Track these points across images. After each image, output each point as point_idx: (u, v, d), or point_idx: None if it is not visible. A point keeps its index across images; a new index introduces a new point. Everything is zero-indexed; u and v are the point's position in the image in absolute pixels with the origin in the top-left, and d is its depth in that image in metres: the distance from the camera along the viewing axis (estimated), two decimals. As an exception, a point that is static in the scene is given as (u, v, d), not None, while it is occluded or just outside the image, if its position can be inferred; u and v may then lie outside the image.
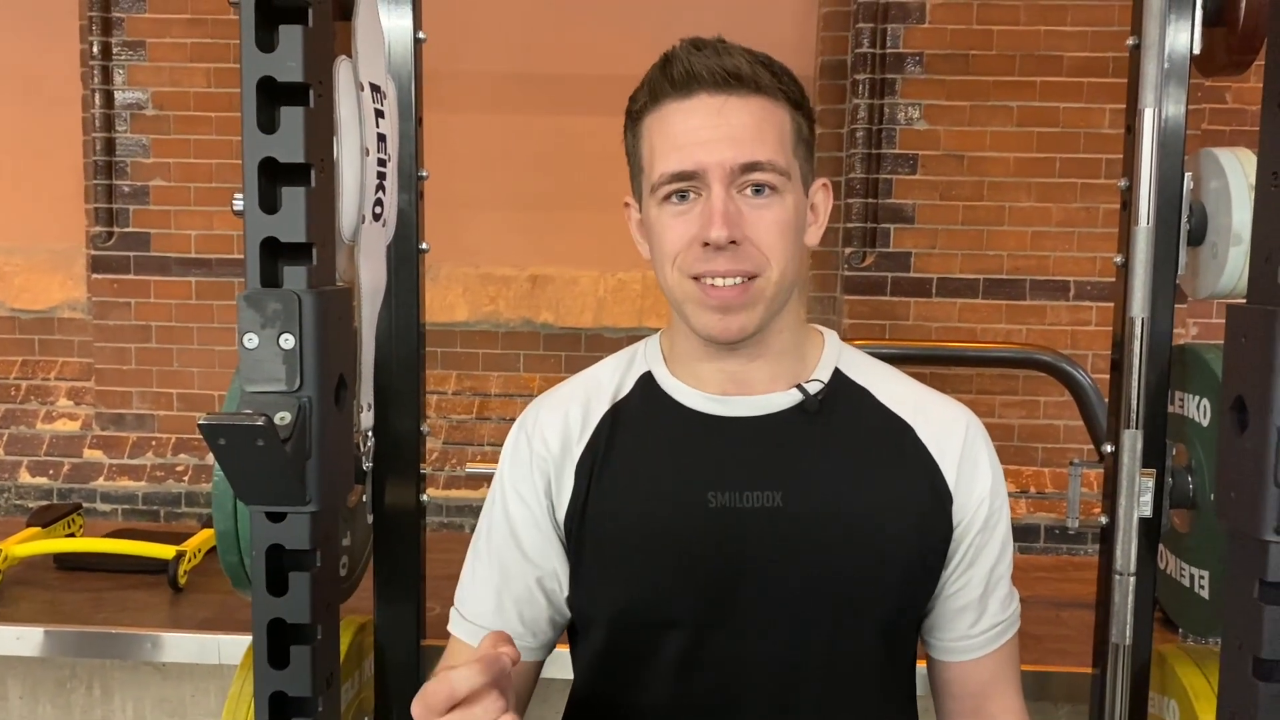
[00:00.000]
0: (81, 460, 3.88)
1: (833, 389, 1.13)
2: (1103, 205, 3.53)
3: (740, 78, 1.03)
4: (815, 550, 1.08)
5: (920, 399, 1.16)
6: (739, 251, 1.04)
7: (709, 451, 1.11)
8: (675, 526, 1.09)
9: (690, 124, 1.04)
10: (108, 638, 2.36)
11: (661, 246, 1.08)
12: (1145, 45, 1.60)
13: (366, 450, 1.70)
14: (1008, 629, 1.19)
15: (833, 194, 1.16)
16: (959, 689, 1.19)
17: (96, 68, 3.76)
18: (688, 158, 1.03)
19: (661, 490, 1.10)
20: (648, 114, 1.08)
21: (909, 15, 3.57)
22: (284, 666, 1.31)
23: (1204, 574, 1.74)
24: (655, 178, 1.07)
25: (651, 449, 1.12)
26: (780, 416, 1.11)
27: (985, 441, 1.16)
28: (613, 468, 1.12)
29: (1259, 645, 1.22)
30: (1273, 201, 1.22)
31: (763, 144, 1.04)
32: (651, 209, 1.09)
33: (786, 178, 1.06)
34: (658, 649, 1.10)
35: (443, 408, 3.97)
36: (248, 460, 1.15)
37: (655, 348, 1.20)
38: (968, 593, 1.15)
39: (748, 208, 1.04)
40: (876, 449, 1.12)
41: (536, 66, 3.90)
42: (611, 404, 1.16)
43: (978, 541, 1.14)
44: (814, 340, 1.18)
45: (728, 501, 1.08)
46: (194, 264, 3.83)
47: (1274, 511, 1.19)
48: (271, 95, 1.23)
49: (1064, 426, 3.61)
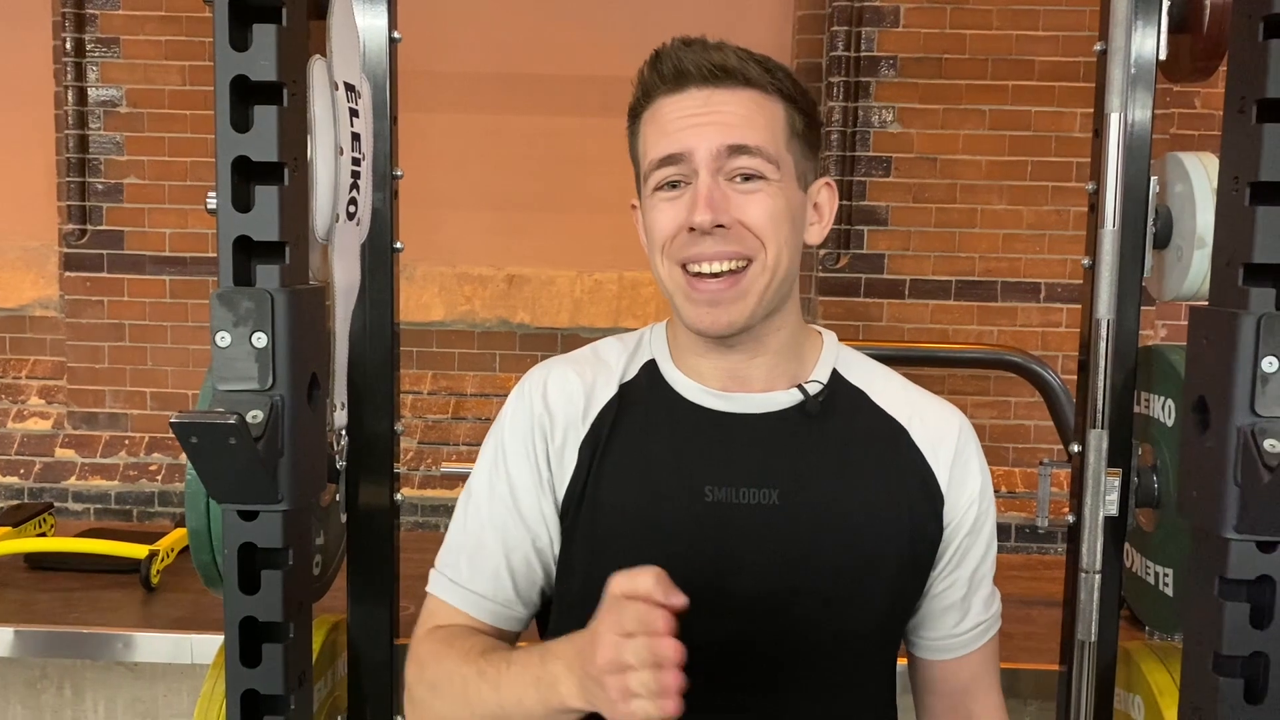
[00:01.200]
0: (53, 459, 3.86)
1: (830, 390, 1.14)
2: (1073, 208, 3.57)
3: (728, 70, 1.04)
4: (808, 549, 1.08)
5: (914, 401, 1.17)
6: (728, 235, 1.03)
7: (709, 446, 1.11)
8: (671, 518, 1.08)
9: (679, 111, 1.05)
10: (79, 637, 2.35)
11: (652, 235, 1.08)
12: (1111, 50, 1.62)
13: (340, 449, 1.70)
14: (990, 628, 1.20)
15: (837, 193, 1.17)
16: (941, 687, 1.21)
17: (69, 64, 3.73)
18: (675, 141, 1.04)
19: (660, 480, 1.10)
20: (642, 110, 1.09)
21: (883, 19, 3.59)
22: (256, 665, 1.31)
23: (1168, 572, 1.76)
24: (647, 166, 1.07)
25: (653, 438, 1.12)
26: (781, 416, 1.12)
27: (976, 444, 1.17)
28: (615, 453, 1.11)
29: (1219, 641, 1.25)
30: (1234, 205, 1.24)
31: (751, 130, 1.04)
32: (646, 201, 1.10)
33: (776, 167, 1.05)
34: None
35: (418, 407, 3.96)
36: (220, 458, 1.16)
37: (661, 336, 1.19)
38: (953, 593, 1.16)
39: (735, 193, 1.04)
40: (872, 451, 1.13)
41: (513, 67, 3.90)
42: (619, 386, 1.15)
43: (965, 543, 1.15)
44: (813, 340, 1.18)
45: (724, 497, 1.08)
46: (168, 262, 3.81)
47: (1234, 509, 1.22)
48: (245, 94, 1.23)
49: (1034, 427, 3.65)
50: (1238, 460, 1.20)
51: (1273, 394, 1.19)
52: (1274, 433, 1.17)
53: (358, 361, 1.76)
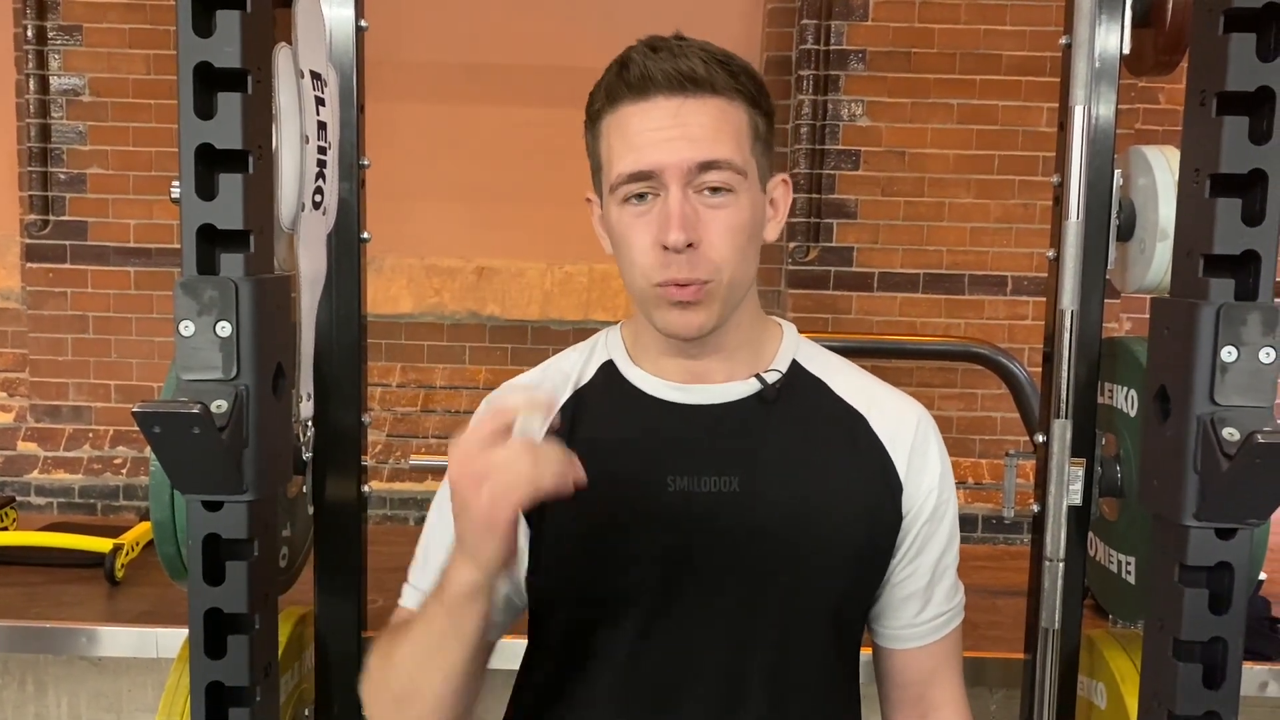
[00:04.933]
0: (15, 453, 3.81)
1: (790, 380, 1.15)
2: (1040, 202, 3.60)
3: (696, 80, 1.04)
4: (769, 535, 1.10)
5: (874, 391, 1.19)
6: (695, 255, 1.05)
7: (669, 437, 1.13)
8: (635, 508, 1.10)
9: (647, 125, 1.05)
10: (41, 632, 2.32)
11: (627, 252, 1.09)
12: (1076, 44, 1.63)
13: (306, 440, 1.69)
14: (952, 619, 1.21)
15: (792, 188, 1.18)
16: (902, 676, 1.22)
17: (31, 52, 3.68)
18: (644, 158, 1.04)
19: (622, 473, 1.11)
20: (605, 115, 1.09)
21: (852, 12, 3.61)
22: (221, 656, 1.30)
23: (1131, 560, 1.78)
24: (614, 178, 1.07)
25: (613, 434, 1.14)
26: (739, 405, 1.13)
27: (935, 435, 1.18)
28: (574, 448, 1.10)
29: (1178, 627, 1.26)
30: (1194, 197, 1.26)
31: (720, 143, 1.05)
32: (612, 209, 1.10)
33: (744, 176, 1.07)
34: (610, 627, 1.12)
35: (387, 400, 3.94)
36: (183, 448, 1.15)
37: (617, 338, 1.21)
38: (914, 581, 1.17)
39: (704, 208, 1.05)
40: (831, 438, 1.14)
41: (482, 56, 3.89)
42: (574, 390, 1.17)
43: (925, 531, 1.16)
44: (772, 332, 1.20)
45: (686, 486, 1.10)
46: (133, 253, 3.77)
47: (1194, 497, 1.23)
48: (208, 81, 1.22)
49: (1001, 418, 3.68)
50: (1197, 449, 1.22)
51: (1232, 383, 1.21)
52: (1233, 421, 1.19)
53: (325, 352, 1.75)
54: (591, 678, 1.13)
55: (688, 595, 1.10)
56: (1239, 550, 1.25)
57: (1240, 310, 1.20)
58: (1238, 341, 1.20)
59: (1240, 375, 1.21)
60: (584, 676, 1.14)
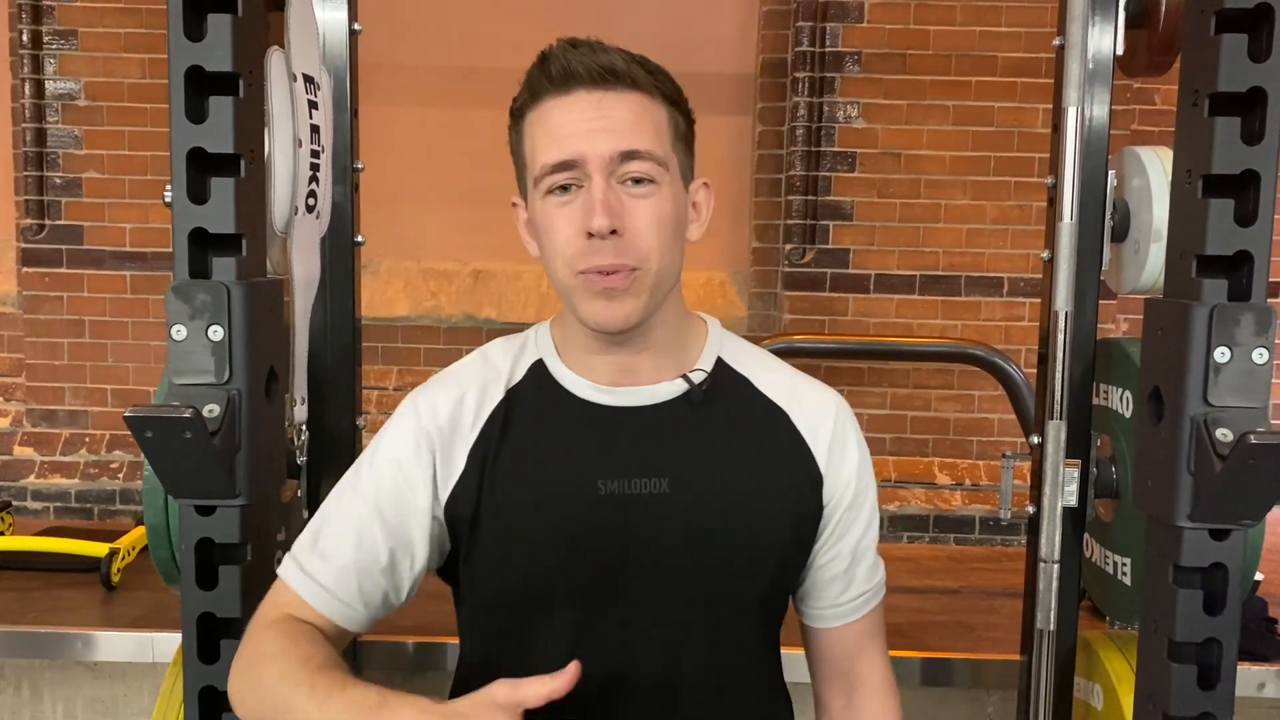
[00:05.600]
0: (11, 457, 3.80)
1: (715, 378, 1.18)
2: (1035, 203, 3.60)
3: (616, 74, 1.07)
4: (699, 533, 1.13)
5: (795, 386, 1.22)
6: (620, 243, 1.06)
7: (598, 440, 1.14)
8: (566, 512, 1.12)
9: (569, 117, 1.07)
10: (37, 637, 2.31)
11: (551, 241, 1.10)
12: (1069, 46, 1.63)
13: (300, 444, 1.69)
14: (873, 597, 1.26)
15: (714, 195, 1.19)
16: (829, 653, 1.27)
17: (26, 57, 3.67)
18: (568, 148, 1.06)
19: (553, 477, 1.13)
20: (529, 111, 1.11)
21: (848, 14, 3.61)
22: (214, 661, 1.30)
23: (1126, 561, 1.78)
24: (538, 170, 1.09)
25: (544, 437, 1.15)
26: (666, 406, 1.16)
27: (853, 425, 1.22)
28: (506, 454, 1.14)
29: (1173, 628, 1.26)
30: (1187, 198, 1.26)
31: (641, 134, 1.07)
32: (536, 203, 1.11)
33: (665, 169, 1.09)
34: (547, 628, 1.13)
35: (384, 403, 3.93)
36: (175, 453, 1.15)
37: (546, 336, 1.22)
38: (836, 565, 1.22)
39: (628, 198, 1.07)
40: (755, 436, 1.18)
41: (477, 60, 3.88)
42: (506, 391, 1.17)
43: (845, 518, 1.21)
44: (697, 329, 1.22)
45: (616, 489, 1.12)
46: (128, 258, 3.76)
47: (1188, 498, 1.24)
48: (200, 85, 1.22)
49: (998, 420, 3.68)
50: (1191, 449, 1.22)
51: (1225, 384, 1.21)
52: (1226, 422, 1.19)
53: (319, 356, 1.75)
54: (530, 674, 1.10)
55: (621, 596, 1.13)
56: (1233, 551, 1.25)
57: (1233, 311, 1.21)
58: (1231, 342, 1.20)
59: (1233, 376, 1.21)
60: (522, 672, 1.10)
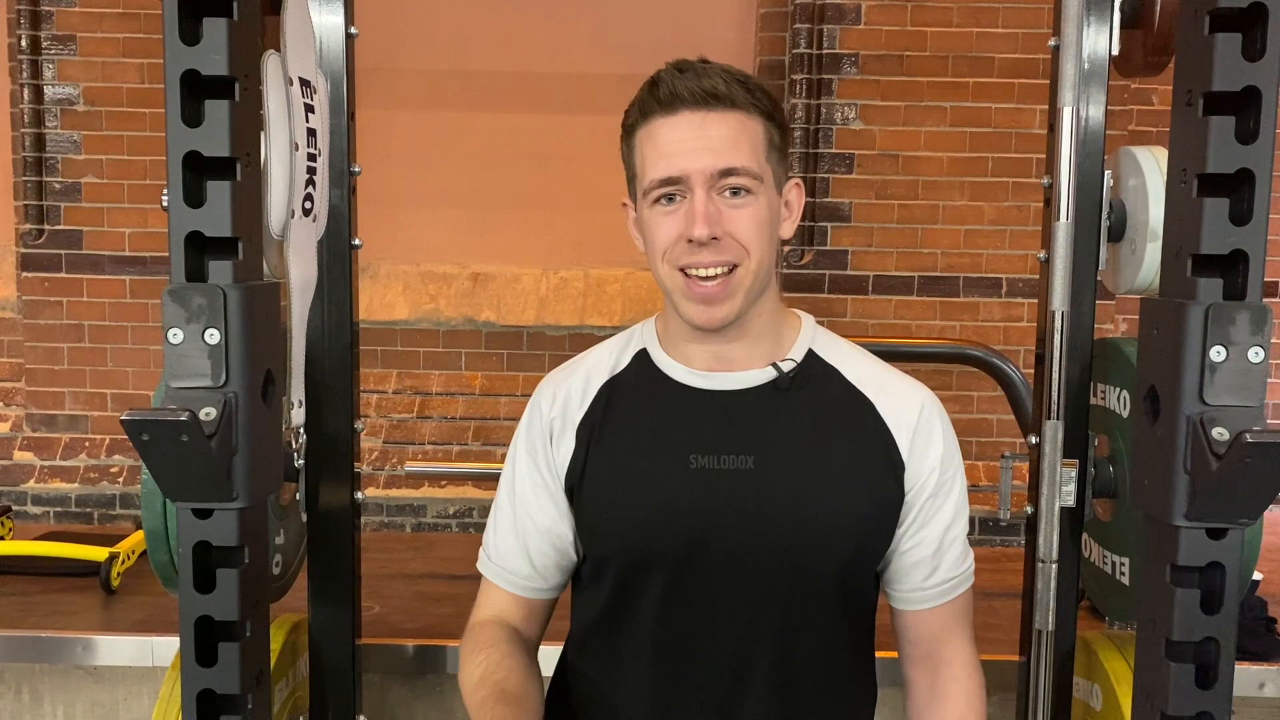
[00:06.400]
0: (11, 462, 3.80)
1: (805, 367, 1.29)
2: (1033, 204, 3.60)
3: (718, 96, 1.18)
4: (780, 506, 1.23)
5: (883, 378, 1.31)
6: (719, 246, 1.19)
7: (692, 420, 1.27)
8: (660, 483, 1.25)
9: (675, 135, 1.19)
10: (36, 641, 2.32)
11: (653, 243, 1.23)
12: (1064, 46, 1.63)
13: (298, 447, 1.69)
14: (960, 584, 1.33)
15: (804, 191, 1.31)
16: (914, 634, 1.33)
17: (25, 62, 3.68)
18: (673, 165, 1.18)
19: (650, 452, 1.26)
20: (639, 128, 1.23)
21: (845, 16, 3.61)
22: (212, 664, 1.30)
23: (1125, 561, 1.78)
24: (646, 183, 1.21)
25: (643, 416, 1.29)
26: (755, 391, 1.27)
27: (941, 418, 1.31)
28: (609, 432, 1.29)
29: (1170, 628, 1.26)
30: (1182, 197, 1.26)
31: (738, 152, 1.18)
32: (645, 210, 1.24)
33: (760, 181, 1.20)
34: (644, 588, 1.26)
35: (383, 407, 3.94)
36: (172, 456, 1.15)
37: (651, 329, 1.35)
38: (921, 550, 1.29)
39: (726, 207, 1.19)
40: (839, 421, 1.27)
41: (475, 64, 3.89)
42: (609, 377, 1.32)
43: (929, 506, 1.28)
44: (791, 323, 1.32)
45: (707, 464, 1.24)
46: (128, 262, 3.77)
47: (1184, 497, 1.24)
48: (195, 88, 1.22)
49: (997, 421, 3.68)
50: (1187, 449, 1.22)
51: (1221, 383, 1.21)
52: (1222, 421, 1.19)
53: (316, 359, 1.75)
54: (627, 632, 1.29)
55: (707, 560, 1.24)
56: (1230, 550, 1.25)
57: (1229, 310, 1.21)
58: (1226, 341, 1.20)
59: (1229, 375, 1.21)
60: (620, 631, 1.30)
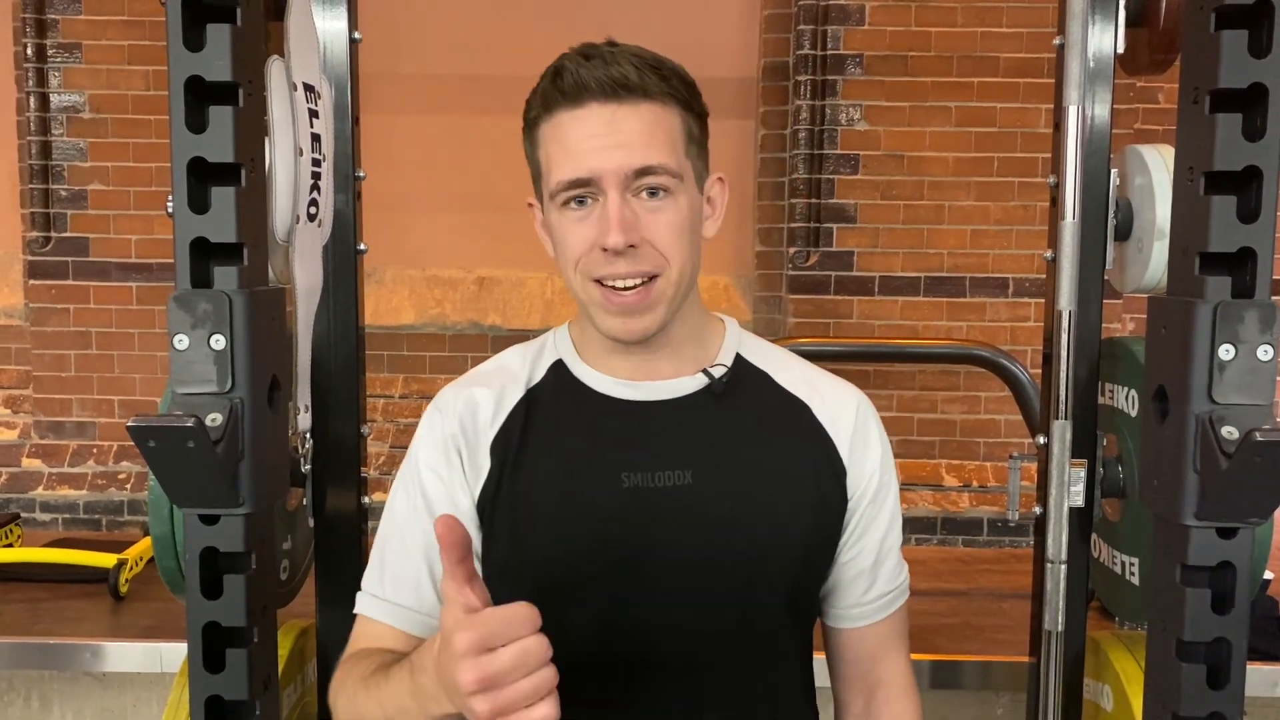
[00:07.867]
0: (19, 469, 3.81)
1: (735, 373, 1.19)
2: (1039, 203, 3.59)
3: (629, 86, 1.06)
4: (724, 524, 1.12)
5: (814, 380, 1.22)
6: (637, 254, 1.07)
7: (621, 434, 1.15)
8: (590, 506, 1.12)
9: (583, 132, 1.07)
10: (46, 648, 2.32)
11: (564, 251, 1.12)
12: (1069, 44, 1.63)
13: (305, 452, 1.69)
14: (897, 598, 1.24)
15: (728, 186, 1.20)
16: (852, 653, 1.25)
17: (31, 70, 3.69)
18: (582, 165, 1.07)
19: (577, 471, 1.14)
20: (542, 123, 1.12)
21: (849, 17, 3.61)
22: (220, 670, 1.30)
23: (1134, 561, 1.78)
24: (553, 185, 1.10)
25: (566, 432, 1.16)
26: (688, 400, 1.16)
27: (875, 418, 1.22)
28: (528, 450, 1.15)
29: (1181, 628, 1.26)
30: (1189, 195, 1.25)
31: (654, 148, 1.07)
32: (553, 214, 1.13)
33: (679, 179, 1.09)
34: (571, 621, 1.10)
35: (390, 411, 3.94)
36: (179, 462, 1.15)
37: (565, 337, 1.23)
38: (860, 561, 1.21)
39: (644, 210, 1.08)
40: (777, 427, 1.18)
41: (478, 68, 3.89)
42: (526, 390, 1.19)
43: (869, 513, 1.20)
44: (715, 328, 1.23)
45: (640, 481, 1.12)
46: (134, 269, 3.77)
47: (1194, 497, 1.23)
48: (200, 94, 1.22)
49: (1005, 421, 3.67)
50: (1196, 448, 1.21)
51: (1230, 381, 1.20)
52: (1232, 420, 1.18)
53: (323, 364, 1.75)
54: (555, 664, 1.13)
55: (646, 588, 1.12)
56: (1241, 549, 1.25)
57: (1237, 308, 1.20)
58: (1235, 339, 1.20)
59: (1238, 373, 1.20)
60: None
